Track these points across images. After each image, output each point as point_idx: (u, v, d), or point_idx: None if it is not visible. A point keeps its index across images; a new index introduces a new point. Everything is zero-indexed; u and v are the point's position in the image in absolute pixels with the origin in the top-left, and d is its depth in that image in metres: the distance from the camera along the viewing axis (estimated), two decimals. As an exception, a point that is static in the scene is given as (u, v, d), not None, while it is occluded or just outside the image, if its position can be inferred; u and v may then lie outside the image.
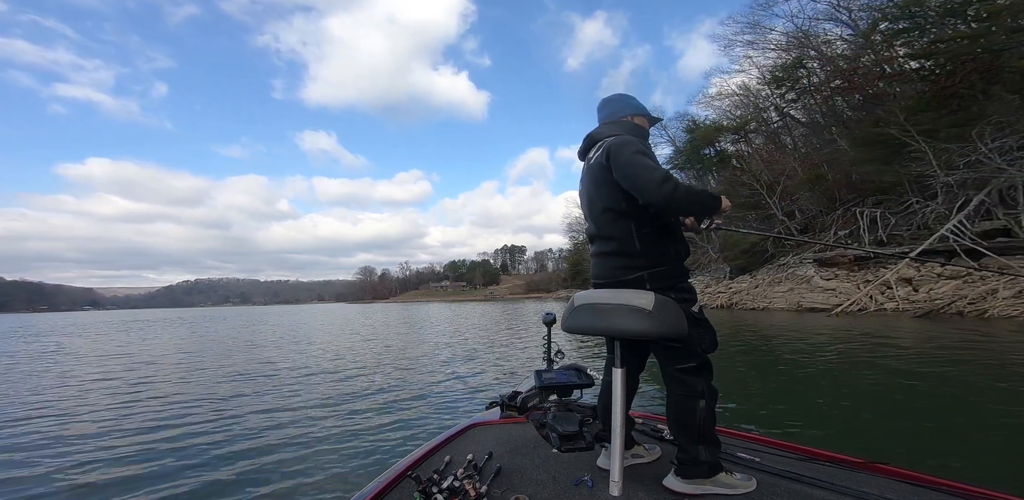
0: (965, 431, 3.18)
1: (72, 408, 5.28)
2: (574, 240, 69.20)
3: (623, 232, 1.34)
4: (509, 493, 1.24)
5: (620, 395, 1.25)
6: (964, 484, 1.18)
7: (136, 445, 3.75)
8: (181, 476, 3.03)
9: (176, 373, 7.72)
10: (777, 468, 1.34)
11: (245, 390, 5.93)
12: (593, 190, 1.43)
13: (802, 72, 25.49)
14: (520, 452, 1.57)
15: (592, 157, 1.45)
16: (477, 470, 1.36)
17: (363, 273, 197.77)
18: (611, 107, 1.56)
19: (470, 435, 1.78)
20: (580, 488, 1.27)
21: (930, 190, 15.07)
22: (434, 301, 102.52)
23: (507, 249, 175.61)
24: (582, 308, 1.28)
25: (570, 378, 1.75)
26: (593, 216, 1.45)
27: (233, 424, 4.29)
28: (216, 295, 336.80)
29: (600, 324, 1.23)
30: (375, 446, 3.49)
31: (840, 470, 1.32)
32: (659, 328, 1.16)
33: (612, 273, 1.37)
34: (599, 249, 1.43)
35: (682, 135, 36.19)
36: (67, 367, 9.02)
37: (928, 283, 12.88)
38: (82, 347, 13.50)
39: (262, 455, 3.39)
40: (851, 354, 6.50)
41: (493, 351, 9.19)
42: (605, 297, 1.25)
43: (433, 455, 1.56)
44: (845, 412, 3.80)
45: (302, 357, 9.32)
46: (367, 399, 5.15)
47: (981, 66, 13.40)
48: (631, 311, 1.18)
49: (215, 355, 10.29)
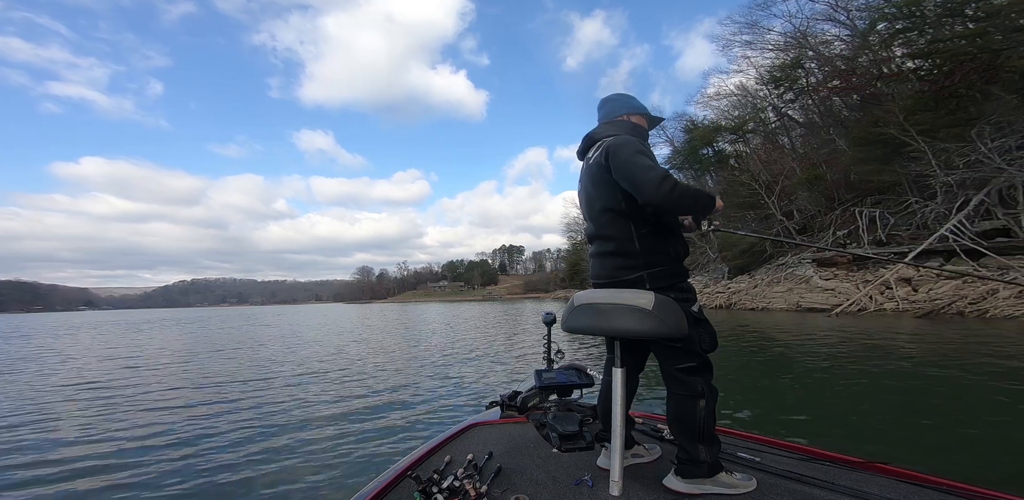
0: (965, 431, 3.18)
1: (75, 411, 5.19)
2: (572, 240, 69.15)
3: (622, 232, 1.33)
4: (509, 493, 1.24)
5: (620, 395, 1.24)
6: (964, 484, 1.18)
7: (136, 445, 3.73)
8: (181, 477, 3.03)
9: (175, 374, 7.65)
10: (777, 468, 1.33)
11: (244, 391, 5.89)
12: (592, 190, 1.42)
13: (800, 72, 25.51)
14: (520, 452, 1.56)
15: (591, 157, 1.44)
16: (477, 470, 1.36)
17: (361, 273, 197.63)
18: (610, 106, 1.55)
19: (470, 435, 1.78)
20: (580, 488, 1.27)
21: (929, 190, 15.06)
22: (432, 301, 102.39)
23: (505, 249, 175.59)
24: (582, 308, 1.27)
25: (570, 378, 1.76)
26: (592, 216, 1.44)
27: (232, 424, 4.26)
28: (213, 295, 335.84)
29: (600, 324, 1.22)
30: (375, 446, 3.49)
31: (840, 470, 1.32)
32: (659, 328, 1.16)
33: (612, 273, 1.37)
34: (598, 249, 1.42)
35: (680, 135, 36.27)
36: (67, 368, 8.86)
37: (927, 283, 12.86)
38: (76, 348, 13.31)
39: (262, 455, 3.38)
40: (851, 354, 6.49)
41: (493, 351, 9.16)
42: (605, 297, 1.24)
43: (433, 455, 1.56)
44: (845, 412, 3.80)
45: (301, 357, 9.25)
46: (367, 399, 5.13)
47: (980, 66, 13.40)
48: (631, 311, 1.17)
49: (214, 355, 10.21)
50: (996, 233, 12.82)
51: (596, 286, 1.42)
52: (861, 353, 6.52)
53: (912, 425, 3.37)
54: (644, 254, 1.31)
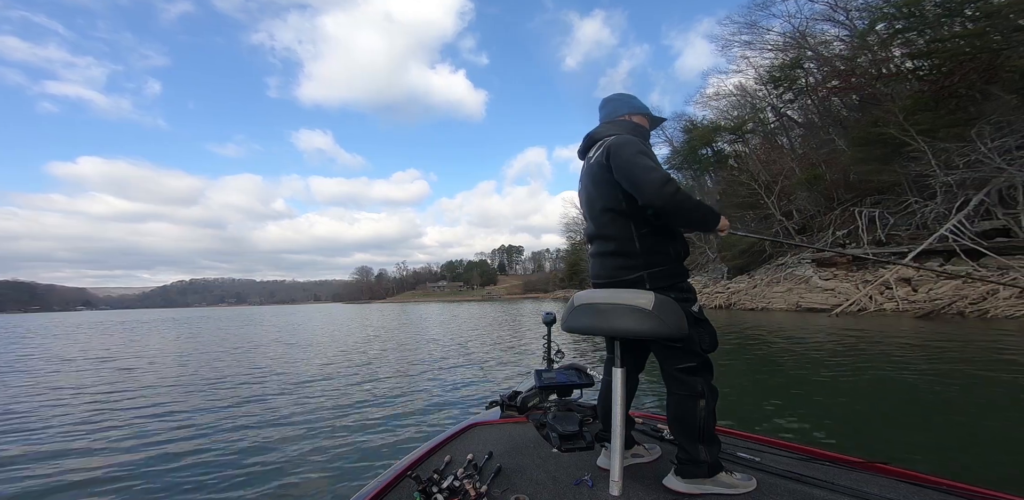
0: (965, 431, 3.17)
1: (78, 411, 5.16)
2: (571, 240, 69.09)
3: (623, 232, 1.33)
4: (509, 493, 1.24)
5: (620, 395, 1.24)
6: (964, 484, 1.18)
7: (136, 446, 3.73)
8: (181, 477, 3.03)
9: (173, 375, 7.61)
10: (777, 468, 1.33)
11: (243, 391, 5.87)
12: (593, 190, 1.42)
13: (799, 72, 25.51)
14: (520, 452, 1.56)
15: (592, 156, 1.44)
16: (477, 470, 1.36)
17: (360, 273, 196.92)
18: (612, 106, 1.54)
19: (470, 435, 1.78)
20: (580, 488, 1.27)
21: (929, 190, 15.05)
22: (431, 301, 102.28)
23: (504, 249, 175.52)
24: (582, 308, 1.27)
25: (570, 378, 1.77)
26: (592, 216, 1.43)
27: (232, 425, 4.25)
28: (211, 295, 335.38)
29: (601, 324, 1.22)
30: (375, 446, 3.49)
31: (840, 470, 1.32)
32: (660, 328, 1.15)
33: (612, 273, 1.36)
34: (598, 249, 1.42)
35: (679, 135, 36.27)
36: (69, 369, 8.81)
37: (927, 283, 12.85)
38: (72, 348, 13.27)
39: (262, 456, 3.38)
40: (851, 354, 6.49)
41: (492, 351, 9.14)
42: (605, 297, 1.24)
43: (433, 455, 1.56)
44: (845, 412, 3.79)
45: (300, 358, 9.22)
46: (367, 399, 5.13)
47: (980, 66, 13.40)
48: (632, 311, 1.17)
49: (212, 355, 10.17)
50: (996, 233, 12.81)
51: (596, 286, 1.41)
52: (861, 353, 6.51)
53: (912, 425, 3.36)
54: (644, 254, 1.30)
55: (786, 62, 25.73)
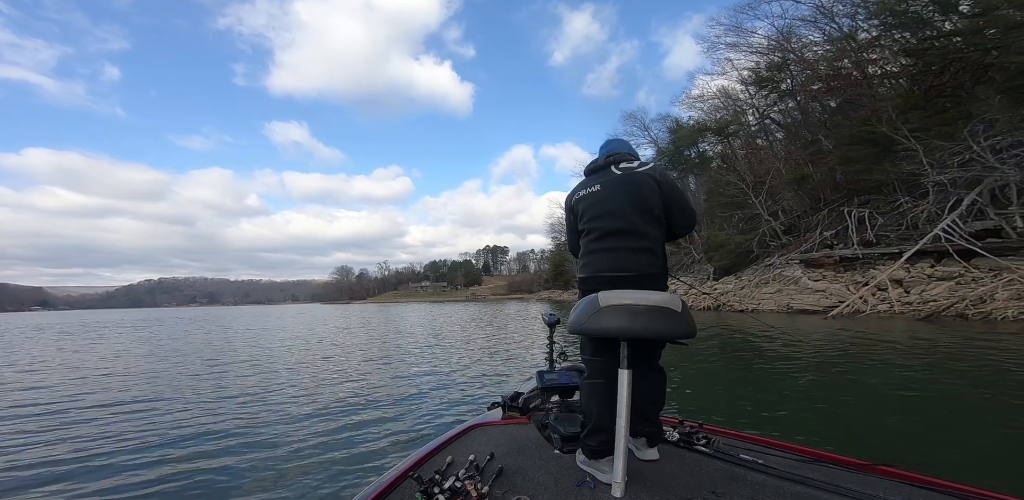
0: (968, 433, 3.16)
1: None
2: (556, 241, 68.81)
3: (655, 233, 1.50)
4: (511, 494, 1.23)
5: (625, 397, 1.24)
6: (968, 486, 1.16)
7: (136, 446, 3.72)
8: (181, 478, 3.01)
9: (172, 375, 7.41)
10: (780, 470, 1.32)
11: (242, 392, 5.77)
12: (635, 191, 1.51)
13: (784, 75, 25.62)
14: (522, 453, 1.55)
15: (635, 167, 1.57)
16: (479, 471, 1.35)
17: (340, 273, 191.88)
18: (627, 147, 1.75)
19: (472, 436, 1.77)
20: (582, 489, 1.27)
21: (920, 189, 14.97)
22: (414, 302, 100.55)
23: (489, 249, 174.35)
24: (611, 310, 1.23)
25: (572, 379, 1.85)
26: (624, 214, 1.50)
27: (232, 426, 4.20)
28: (182, 295, 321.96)
29: (634, 326, 1.20)
30: (376, 447, 3.50)
31: (843, 472, 1.31)
32: (687, 329, 1.23)
33: (639, 267, 1.46)
34: (625, 243, 1.48)
35: (665, 136, 36.18)
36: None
37: (919, 284, 12.69)
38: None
39: (262, 458, 3.35)
40: (852, 356, 6.45)
41: (492, 351, 9.01)
42: (639, 298, 1.24)
43: (435, 456, 1.55)
44: (848, 414, 3.79)
45: (299, 358, 9.01)
46: (367, 401, 5.10)
47: (970, 65, 13.36)
48: (665, 314, 1.21)
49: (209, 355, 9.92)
50: (987, 234, 12.72)
51: (615, 278, 1.45)
52: (862, 355, 6.42)
53: (916, 427, 3.36)
54: (662, 256, 1.53)
55: (771, 63, 25.80)
